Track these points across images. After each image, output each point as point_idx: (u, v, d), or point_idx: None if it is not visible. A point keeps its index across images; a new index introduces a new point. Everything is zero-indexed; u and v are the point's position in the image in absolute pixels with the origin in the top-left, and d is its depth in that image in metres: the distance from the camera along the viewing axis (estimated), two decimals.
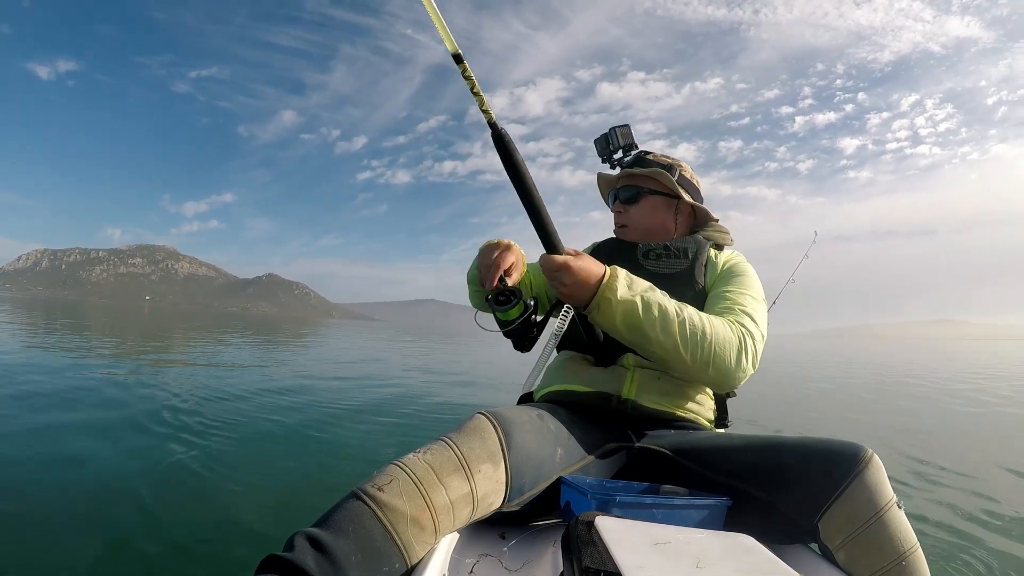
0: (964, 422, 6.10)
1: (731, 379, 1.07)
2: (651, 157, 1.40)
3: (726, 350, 1.04)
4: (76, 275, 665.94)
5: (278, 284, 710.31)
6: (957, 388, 9.89)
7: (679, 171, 1.38)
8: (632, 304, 1.01)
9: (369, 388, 6.78)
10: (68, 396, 4.59)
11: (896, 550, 0.83)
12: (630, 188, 1.38)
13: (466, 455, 0.83)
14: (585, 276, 1.01)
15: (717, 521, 0.93)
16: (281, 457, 3.27)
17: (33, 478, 2.47)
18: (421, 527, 0.75)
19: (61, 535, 1.91)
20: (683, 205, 1.37)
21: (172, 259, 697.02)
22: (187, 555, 1.87)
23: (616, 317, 1.02)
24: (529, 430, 0.94)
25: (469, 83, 0.87)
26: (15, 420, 3.64)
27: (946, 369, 16.04)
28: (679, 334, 1.02)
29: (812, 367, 15.79)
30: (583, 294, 1.02)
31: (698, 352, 1.03)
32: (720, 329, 1.05)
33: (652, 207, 1.37)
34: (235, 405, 4.79)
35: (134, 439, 3.36)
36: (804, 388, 9.40)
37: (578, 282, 1.01)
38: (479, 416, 0.91)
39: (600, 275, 1.03)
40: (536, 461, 0.92)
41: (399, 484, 0.76)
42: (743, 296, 1.17)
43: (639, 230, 1.38)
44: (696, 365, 1.04)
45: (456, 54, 0.83)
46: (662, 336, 1.02)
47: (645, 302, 1.02)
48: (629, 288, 1.03)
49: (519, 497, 0.90)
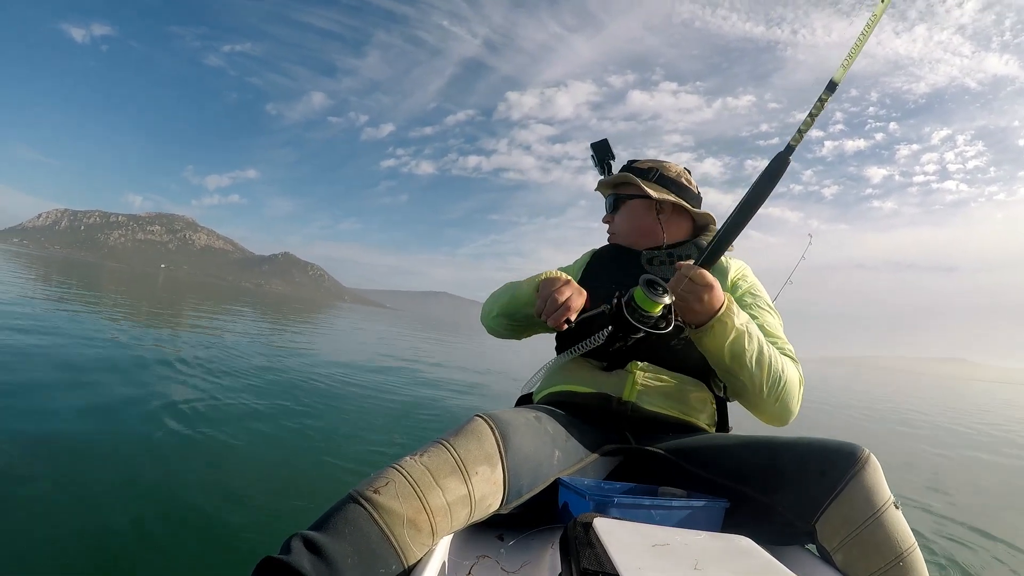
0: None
1: (788, 417, 1.12)
2: (636, 164, 1.42)
3: (793, 392, 1.10)
4: (94, 237, 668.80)
5: (293, 263, 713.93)
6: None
7: (659, 171, 1.37)
8: (742, 332, 1.05)
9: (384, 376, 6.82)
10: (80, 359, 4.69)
11: (894, 550, 0.83)
12: (610, 196, 1.44)
13: (463, 457, 0.82)
14: (716, 299, 1.04)
15: (715, 523, 0.93)
16: (292, 444, 3.29)
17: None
18: (418, 529, 0.74)
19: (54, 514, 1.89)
20: (665, 205, 1.35)
21: (190, 229, 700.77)
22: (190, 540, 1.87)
23: (727, 341, 1.04)
24: (526, 432, 0.94)
25: (818, 106, 0.98)
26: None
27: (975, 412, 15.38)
28: (767, 369, 1.07)
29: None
30: (707, 314, 1.04)
31: (775, 389, 1.08)
32: (791, 373, 1.11)
33: (631, 211, 1.38)
34: (246, 382, 4.85)
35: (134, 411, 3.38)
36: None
37: (711, 302, 1.03)
38: (476, 418, 0.91)
39: (723, 299, 1.05)
40: (534, 463, 0.92)
41: (395, 486, 0.75)
42: (780, 329, 1.21)
43: (624, 235, 1.41)
44: (768, 399, 1.09)
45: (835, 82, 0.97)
46: (755, 368, 1.06)
47: (749, 333, 1.06)
48: (739, 316, 1.06)
49: (517, 499, 0.90)
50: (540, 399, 1.27)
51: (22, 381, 3.62)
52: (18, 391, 3.39)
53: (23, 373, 3.82)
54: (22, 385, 3.53)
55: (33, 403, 3.19)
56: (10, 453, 2.44)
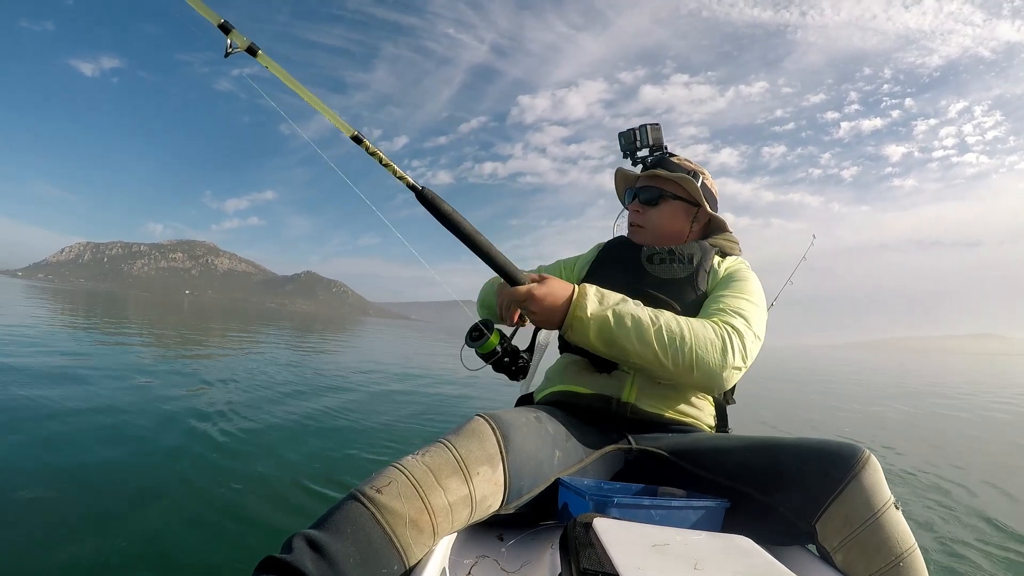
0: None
1: (718, 379, 1.04)
2: (676, 160, 1.37)
3: (708, 351, 1.02)
4: (118, 268, 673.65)
5: (316, 281, 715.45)
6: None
7: (702, 178, 1.35)
8: (604, 319, 1.02)
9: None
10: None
11: (894, 551, 0.83)
12: (652, 189, 1.35)
13: (464, 457, 0.83)
14: (552, 301, 1.03)
15: (715, 523, 0.93)
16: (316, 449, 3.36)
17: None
18: (419, 529, 0.75)
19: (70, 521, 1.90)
20: (702, 214, 1.35)
21: (212, 254, 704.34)
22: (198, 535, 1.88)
23: (590, 334, 1.03)
24: (527, 432, 0.94)
25: (375, 157, 0.95)
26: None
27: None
28: (656, 341, 1.01)
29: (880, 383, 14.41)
30: (555, 317, 1.04)
31: (679, 357, 1.01)
32: (700, 331, 1.04)
33: (672, 212, 1.34)
34: (273, 395, 4.97)
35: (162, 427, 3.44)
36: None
37: (546, 308, 1.03)
38: (478, 418, 0.91)
39: (568, 296, 1.04)
40: (534, 463, 0.92)
41: (397, 486, 0.76)
42: (737, 299, 1.15)
43: (654, 233, 1.35)
44: (679, 370, 1.02)
45: (354, 136, 0.94)
46: (639, 346, 1.02)
47: (617, 314, 1.03)
48: (600, 303, 1.04)
49: (517, 499, 0.90)
50: (541, 399, 1.27)
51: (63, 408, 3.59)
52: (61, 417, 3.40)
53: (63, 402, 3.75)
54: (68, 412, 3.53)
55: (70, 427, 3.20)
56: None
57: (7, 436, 2.89)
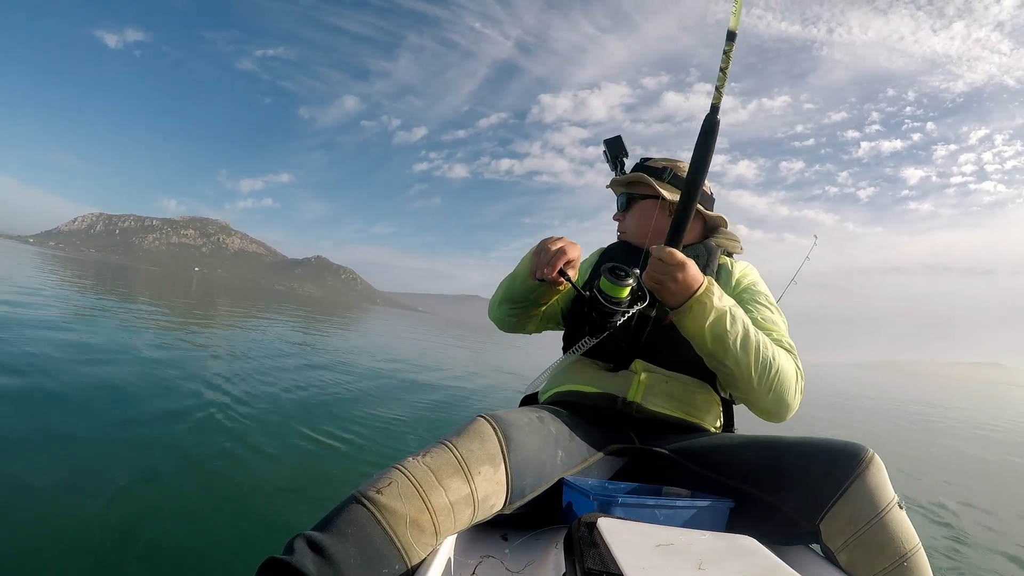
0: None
1: (785, 411, 1.08)
2: (649, 163, 1.40)
3: (788, 382, 1.06)
4: (129, 241, 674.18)
5: (326, 267, 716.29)
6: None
7: (673, 172, 1.36)
8: (723, 312, 1.03)
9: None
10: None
11: (898, 550, 0.83)
12: (622, 195, 1.43)
13: (465, 457, 0.83)
14: (692, 278, 1.03)
15: (719, 522, 0.93)
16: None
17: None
18: (421, 529, 0.74)
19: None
20: (676, 206, 1.35)
21: (224, 233, 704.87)
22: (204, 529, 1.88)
23: (707, 322, 1.03)
24: (529, 432, 0.94)
25: (725, 59, 0.99)
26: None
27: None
28: (755, 353, 1.04)
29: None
30: (684, 294, 1.04)
31: (765, 376, 1.04)
32: (784, 361, 1.07)
33: (642, 211, 1.37)
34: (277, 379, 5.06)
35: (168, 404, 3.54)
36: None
37: (686, 281, 1.02)
38: (479, 419, 0.91)
39: (700, 281, 1.05)
40: (537, 463, 0.92)
41: (398, 486, 0.75)
42: (781, 325, 1.19)
43: (634, 234, 1.39)
44: (760, 388, 1.05)
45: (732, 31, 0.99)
46: (740, 351, 1.03)
47: (732, 315, 1.05)
48: (721, 299, 1.05)
49: (520, 499, 0.90)
50: (545, 399, 1.27)
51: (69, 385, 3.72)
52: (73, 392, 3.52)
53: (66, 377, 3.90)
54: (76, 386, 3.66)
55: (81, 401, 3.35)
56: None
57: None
